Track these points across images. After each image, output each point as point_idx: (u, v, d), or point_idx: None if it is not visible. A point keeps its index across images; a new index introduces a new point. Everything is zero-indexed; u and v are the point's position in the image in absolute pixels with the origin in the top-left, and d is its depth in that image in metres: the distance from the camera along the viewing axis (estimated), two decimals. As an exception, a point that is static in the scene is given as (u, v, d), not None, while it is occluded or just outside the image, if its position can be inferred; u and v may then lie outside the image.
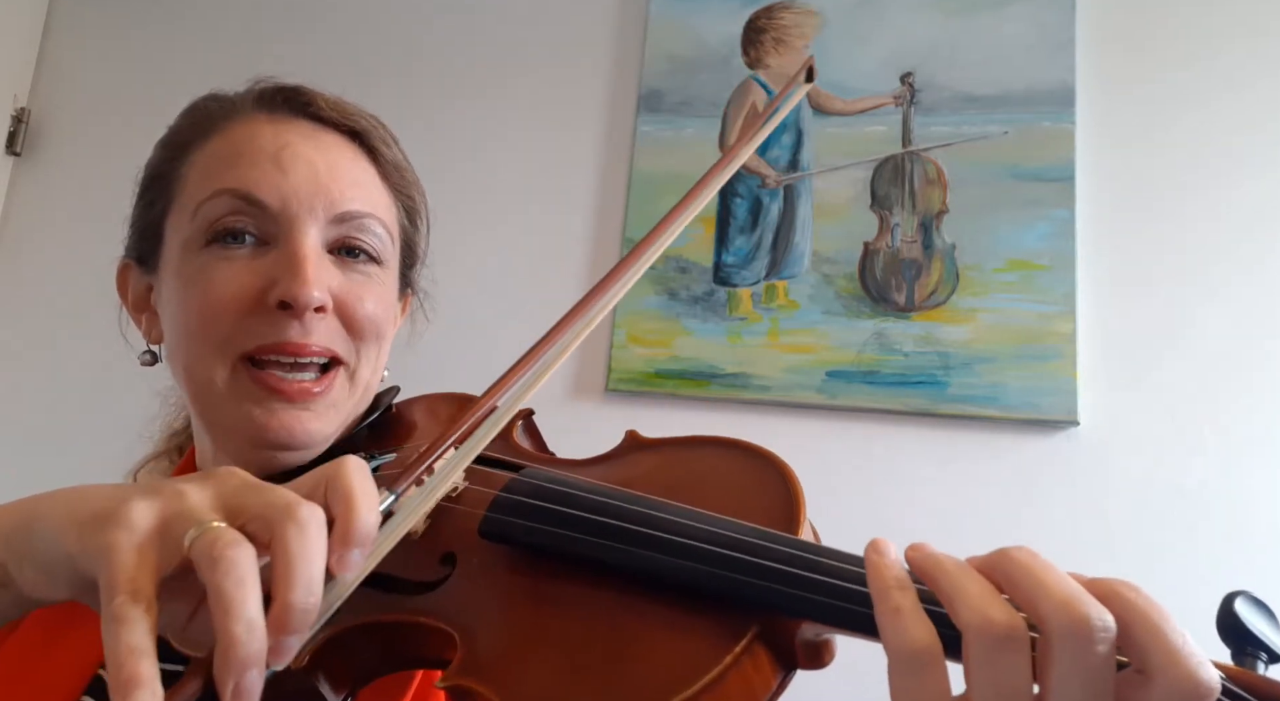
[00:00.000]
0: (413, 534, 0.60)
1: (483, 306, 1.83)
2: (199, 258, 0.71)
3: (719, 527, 0.50)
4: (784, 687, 0.48)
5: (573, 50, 2.00)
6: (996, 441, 1.64)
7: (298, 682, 0.54)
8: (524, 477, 0.59)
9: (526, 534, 0.55)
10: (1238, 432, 1.59)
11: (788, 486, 0.54)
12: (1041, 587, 0.40)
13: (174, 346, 0.74)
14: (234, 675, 0.40)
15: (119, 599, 0.42)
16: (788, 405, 1.72)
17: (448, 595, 0.55)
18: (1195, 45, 1.76)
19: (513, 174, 1.95)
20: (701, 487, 0.56)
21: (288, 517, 0.44)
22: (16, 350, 2.06)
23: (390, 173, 0.79)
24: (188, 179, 0.75)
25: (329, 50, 2.07)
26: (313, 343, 0.69)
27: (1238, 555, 1.53)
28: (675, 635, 0.47)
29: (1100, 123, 1.74)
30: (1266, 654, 0.44)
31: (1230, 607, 0.44)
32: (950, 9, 1.84)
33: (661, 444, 0.63)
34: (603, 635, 0.49)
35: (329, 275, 0.71)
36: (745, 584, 0.47)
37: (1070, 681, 0.39)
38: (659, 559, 0.50)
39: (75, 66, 2.21)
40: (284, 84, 0.79)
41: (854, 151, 1.81)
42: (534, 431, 0.72)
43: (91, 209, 2.09)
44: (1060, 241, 1.68)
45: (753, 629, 0.46)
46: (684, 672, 0.45)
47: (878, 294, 1.73)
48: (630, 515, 0.52)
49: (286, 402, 0.69)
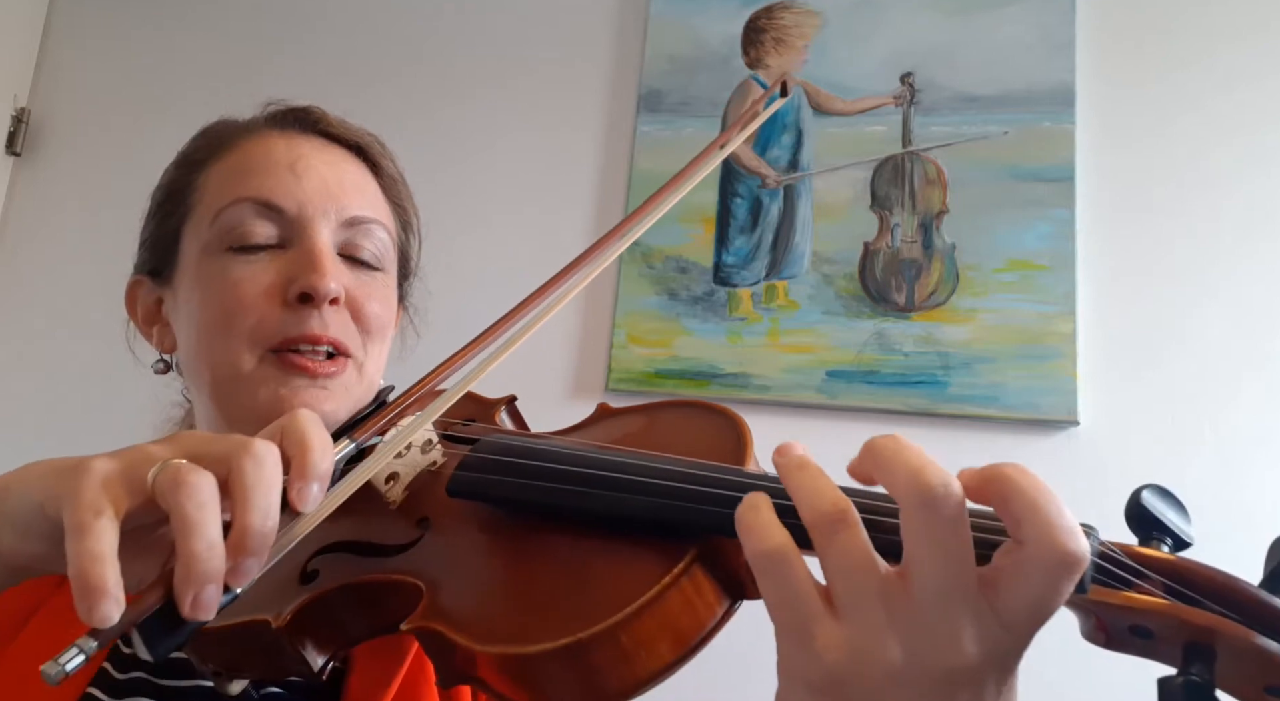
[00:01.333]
0: (390, 503, 0.63)
1: (482, 306, 1.83)
2: (219, 260, 0.76)
3: (662, 463, 0.53)
4: (730, 614, 0.50)
5: (573, 50, 2.00)
6: (996, 441, 1.64)
7: (281, 644, 0.57)
8: (490, 439, 0.63)
9: (489, 487, 0.58)
10: (1237, 432, 1.59)
11: (736, 429, 0.58)
12: (893, 463, 0.43)
13: (194, 345, 0.78)
14: (194, 587, 0.42)
15: (80, 514, 0.43)
16: (788, 405, 1.72)
17: (420, 552, 0.58)
18: (1195, 45, 1.76)
19: (512, 174, 1.95)
20: (658, 440, 0.60)
21: (244, 452, 0.46)
22: (16, 350, 2.06)
23: (389, 185, 0.86)
24: (205, 189, 0.80)
25: (329, 51, 2.07)
26: (329, 334, 0.74)
27: (1238, 555, 1.52)
28: (622, 563, 0.50)
29: (1100, 123, 1.74)
30: (1171, 539, 0.46)
31: (1137, 497, 0.46)
32: (950, 9, 1.84)
33: (627, 410, 0.68)
34: (558, 571, 0.52)
35: (341, 272, 0.77)
36: (684, 508, 0.50)
37: (921, 545, 0.41)
38: (609, 495, 0.53)
39: (75, 66, 2.21)
40: (294, 105, 0.85)
41: (854, 151, 1.81)
42: (517, 416, 0.76)
43: (91, 209, 2.10)
44: (1060, 241, 1.68)
45: (692, 551, 0.48)
46: (626, 594, 0.47)
47: (878, 294, 1.73)
48: (584, 461, 0.55)
49: (309, 380, 0.74)
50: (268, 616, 0.56)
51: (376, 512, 0.63)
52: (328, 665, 0.59)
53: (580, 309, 1.84)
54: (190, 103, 2.09)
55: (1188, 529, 0.46)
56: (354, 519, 0.62)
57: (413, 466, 0.65)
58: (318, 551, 0.61)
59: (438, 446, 0.66)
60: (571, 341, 1.82)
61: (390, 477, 0.64)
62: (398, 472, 0.64)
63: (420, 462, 0.65)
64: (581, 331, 1.83)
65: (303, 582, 0.59)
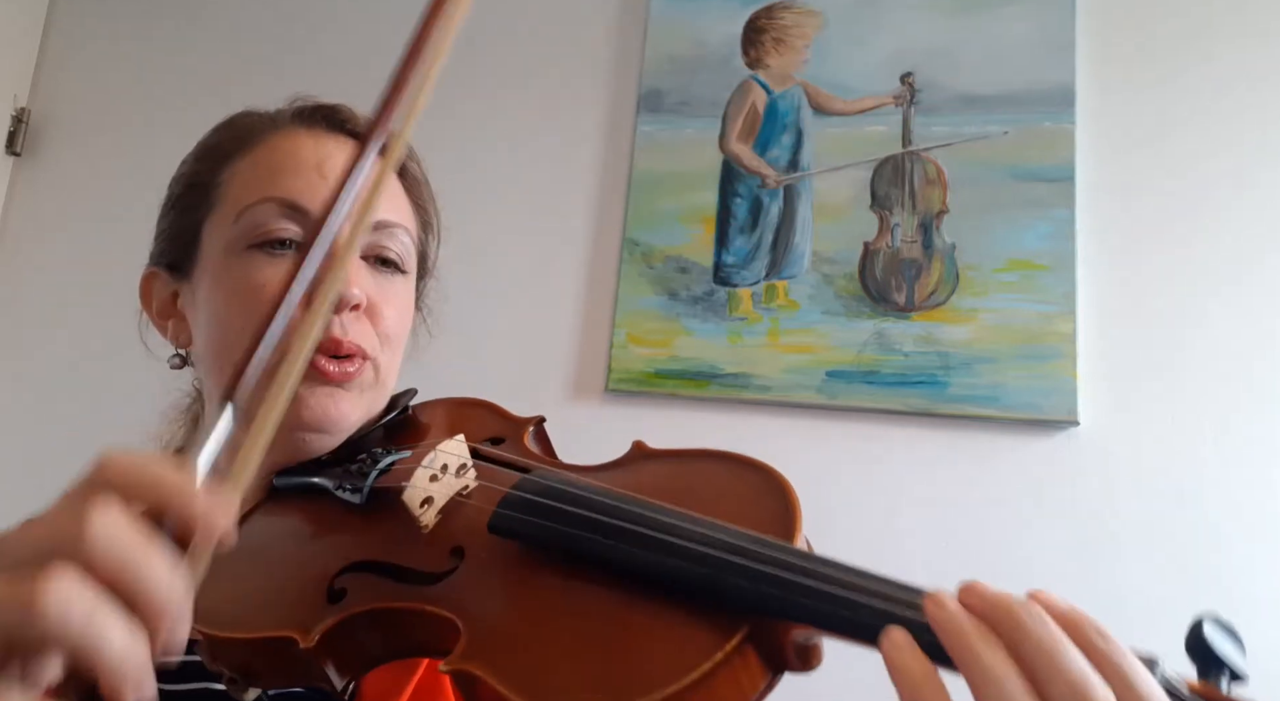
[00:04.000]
0: (424, 528, 0.62)
1: (481, 306, 1.83)
2: (242, 258, 0.75)
3: (717, 532, 0.52)
4: (772, 688, 0.49)
5: (573, 50, 2.00)
6: (996, 441, 1.64)
7: (306, 663, 0.56)
8: (534, 477, 0.61)
9: (533, 530, 0.57)
10: (1238, 432, 1.59)
11: (786, 499, 0.56)
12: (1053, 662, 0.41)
13: (213, 342, 0.77)
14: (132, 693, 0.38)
15: None
16: (788, 405, 1.71)
17: (455, 586, 0.57)
18: (1196, 45, 1.75)
19: (512, 174, 1.95)
20: (704, 496, 0.58)
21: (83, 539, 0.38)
22: (16, 349, 2.06)
23: (412, 186, 0.85)
24: (229, 185, 0.79)
25: (329, 51, 2.07)
26: (350, 339, 0.73)
27: (1238, 555, 1.53)
28: (670, 632, 0.49)
29: (1100, 123, 1.74)
30: (1229, 673, 0.46)
31: (1199, 631, 0.46)
32: (950, 9, 1.84)
33: (666, 454, 0.66)
34: (601, 629, 0.51)
35: (364, 277, 0.76)
36: (739, 586, 0.49)
37: None
38: (658, 559, 0.51)
39: (75, 66, 2.21)
40: (322, 102, 0.83)
41: (854, 151, 1.81)
42: (544, 438, 0.75)
43: (91, 209, 2.10)
44: (1060, 241, 1.68)
45: (744, 629, 0.48)
46: (676, 668, 0.46)
47: (878, 294, 1.73)
48: (633, 516, 0.54)
49: (327, 382, 0.73)
50: (294, 633, 0.56)
51: (408, 535, 0.62)
52: (349, 685, 0.58)
53: (580, 309, 1.84)
54: (190, 102, 2.09)
55: (1243, 664, 0.47)
56: (386, 538, 0.62)
57: (447, 491, 0.64)
58: (345, 569, 0.61)
59: (471, 470, 0.65)
60: (571, 341, 1.82)
61: (425, 501, 0.63)
62: (432, 496, 0.63)
63: (454, 486, 0.64)
64: (581, 331, 1.83)
65: (330, 601, 0.59)
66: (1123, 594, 1.51)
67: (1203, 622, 0.46)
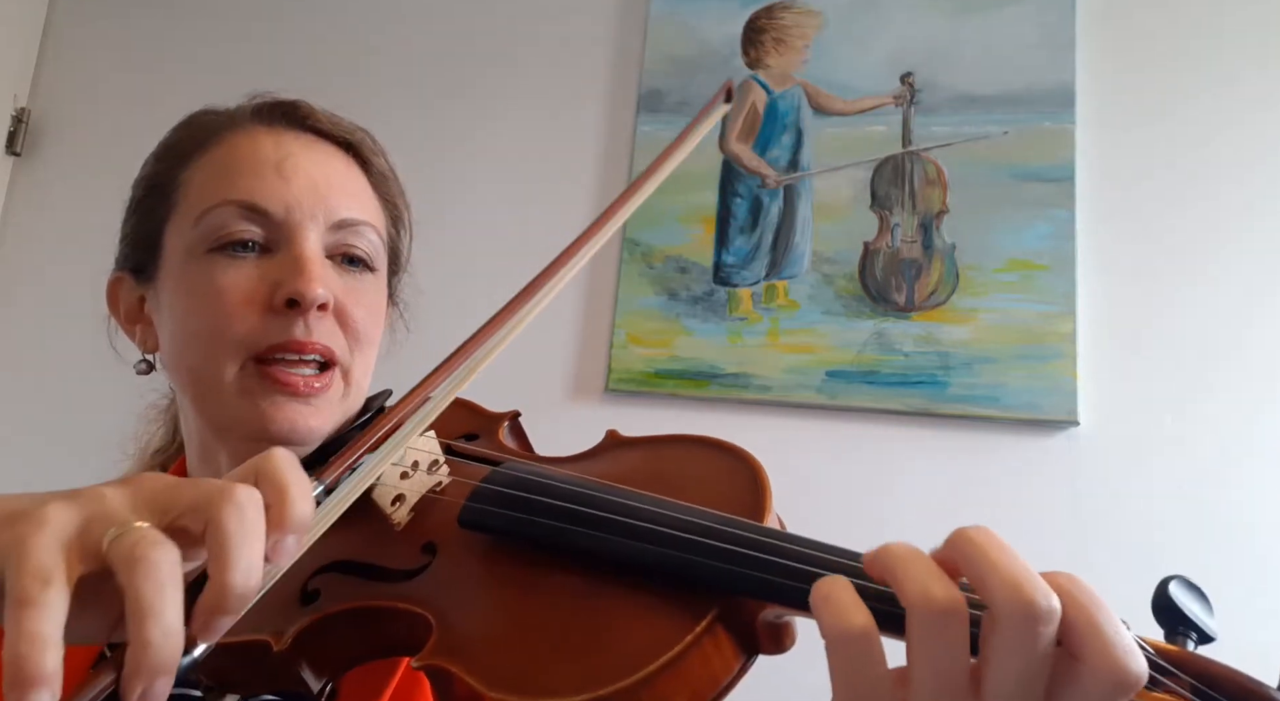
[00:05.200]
0: (396, 525, 0.62)
1: (481, 306, 1.83)
2: (203, 262, 0.73)
3: (684, 514, 0.52)
4: (745, 670, 0.49)
5: (573, 50, 2.00)
6: (996, 441, 1.64)
7: (280, 666, 0.56)
8: (503, 469, 0.61)
9: (503, 522, 0.57)
10: (1237, 432, 1.59)
11: (755, 478, 0.56)
12: (993, 567, 0.41)
13: (177, 349, 0.75)
14: (143, 681, 0.38)
15: (25, 582, 0.38)
16: (788, 405, 1.72)
17: (427, 581, 0.57)
18: (1195, 45, 1.76)
19: (512, 173, 1.95)
20: (674, 481, 0.59)
21: (225, 500, 0.42)
22: (15, 350, 2.06)
23: (379, 182, 0.83)
24: (189, 186, 0.77)
25: (329, 52, 2.07)
26: (315, 341, 0.72)
27: (1237, 554, 1.53)
28: (641, 616, 0.49)
29: (1100, 123, 1.74)
30: (1196, 633, 0.47)
31: (1165, 590, 0.47)
32: (950, 9, 1.84)
33: (638, 442, 0.66)
34: (572, 617, 0.51)
35: (330, 277, 0.74)
36: (706, 565, 0.49)
37: (1009, 660, 0.41)
38: (627, 544, 0.52)
39: (75, 66, 2.21)
40: (281, 98, 0.82)
41: (854, 151, 1.81)
42: (519, 432, 0.75)
43: (91, 209, 2.09)
44: (1060, 241, 1.68)
45: (714, 610, 0.48)
46: (646, 652, 0.46)
47: (878, 294, 1.73)
48: (601, 503, 0.54)
49: (291, 396, 0.71)
50: (267, 637, 0.55)
51: (381, 534, 0.61)
52: (326, 687, 0.58)
53: (580, 309, 1.84)
54: (191, 102, 2.08)
55: (1212, 623, 0.47)
56: (357, 538, 0.61)
57: (419, 487, 0.63)
58: (318, 570, 0.60)
59: (444, 466, 0.64)
60: (571, 341, 1.82)
61: (396, 499, 0.62)
62: (404, 494, 0.62)
63: (426, 483, 0.63)
64: (581, 331, 1.83)
65: (303, 603, 0.58)
66: (1123, 594, 1.51)
67: (1169, 581, 0.47)
